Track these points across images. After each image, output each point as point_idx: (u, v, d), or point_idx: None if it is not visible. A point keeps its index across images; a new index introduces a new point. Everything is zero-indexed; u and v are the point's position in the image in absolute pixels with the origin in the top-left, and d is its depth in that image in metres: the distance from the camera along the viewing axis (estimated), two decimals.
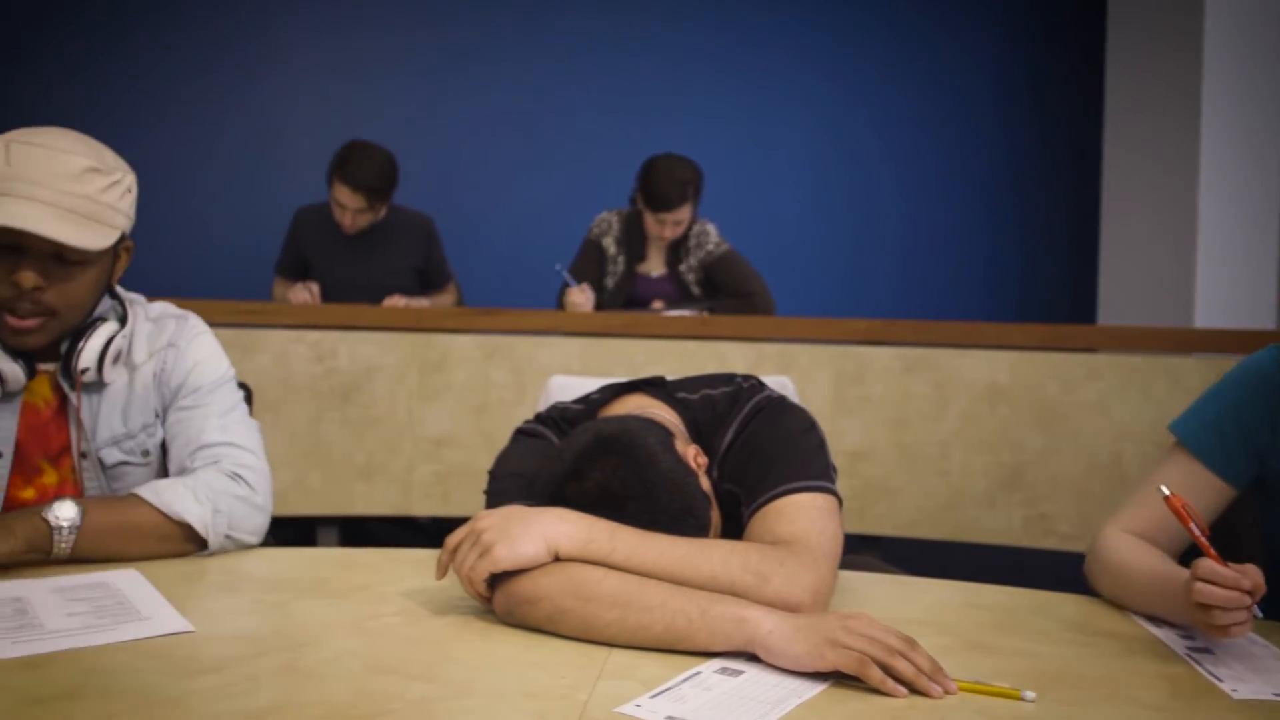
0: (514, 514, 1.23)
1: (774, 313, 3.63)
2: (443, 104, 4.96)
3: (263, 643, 1.14)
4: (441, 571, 1.28)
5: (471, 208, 4.82)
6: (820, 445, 1.41)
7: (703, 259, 3.71)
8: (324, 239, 3.77)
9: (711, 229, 3.75)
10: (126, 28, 4.68)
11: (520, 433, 1.55)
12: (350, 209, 3.61)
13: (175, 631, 1.17)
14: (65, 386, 1.58)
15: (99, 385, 1.60)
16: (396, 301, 3.52)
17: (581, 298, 3.44)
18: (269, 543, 1.77)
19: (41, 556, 1.39)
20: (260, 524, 1.58)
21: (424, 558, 1.54)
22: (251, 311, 2.99)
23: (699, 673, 1.09)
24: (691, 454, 1.37)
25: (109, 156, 1.50)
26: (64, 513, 1.39)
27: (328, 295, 3.61)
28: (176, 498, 1.48)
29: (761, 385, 1.52)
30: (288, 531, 2.91)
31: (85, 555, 1.41)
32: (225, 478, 1.55)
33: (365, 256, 3.75)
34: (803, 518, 1.30)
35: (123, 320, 1.61)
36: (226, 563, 1.51)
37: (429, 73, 4.95)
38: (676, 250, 3.74)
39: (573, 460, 1.28)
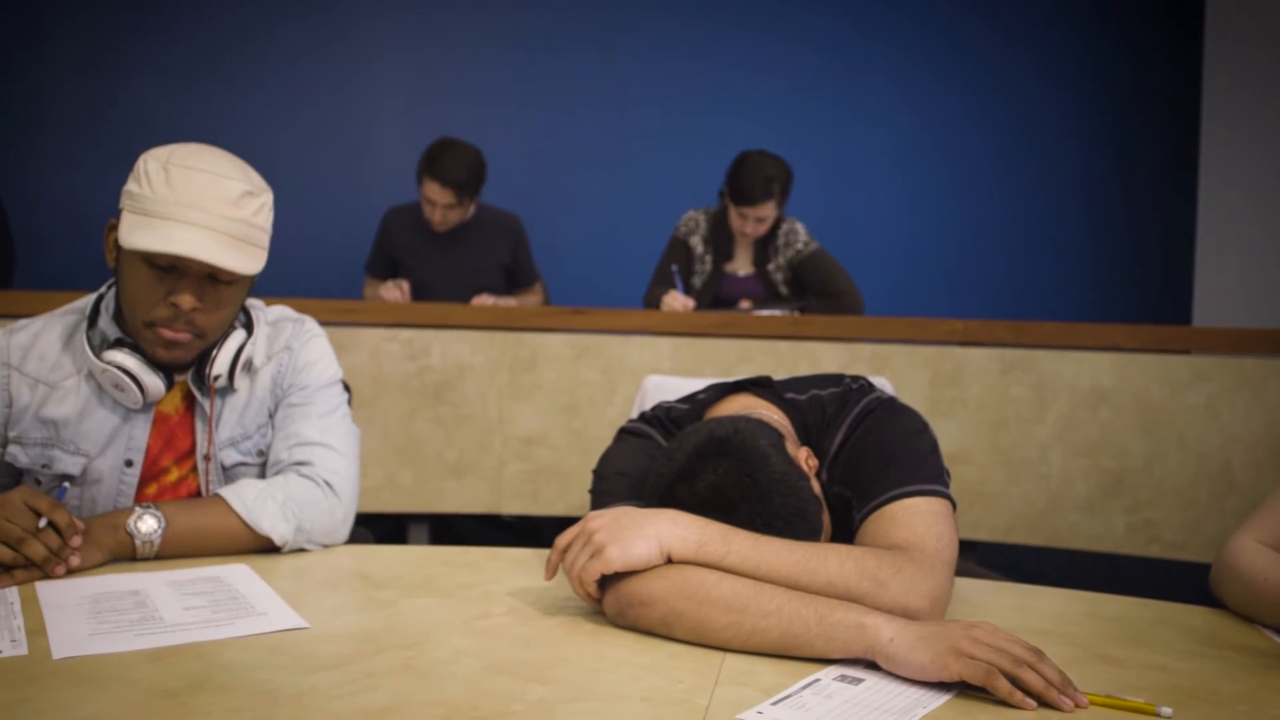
0: (626, 515, 1.22)
1: (863, 312, 3.57)
2: (529, 102, 4.98)
3: (377, 641, 1.14)
4: (551, 572, 1.27)
5: (558, 206, 4.83)
6: (933, 448, 1.38)
7: (791, 258, 3.67)
8: (413, 239, 3.81)
9: (800, 228, 3.70)
10: (216, 31, 4.77)
11: (624, 432, 1.53)
12: (440, 205, 3.64)
13: (291, 628, 1.18)
14: (198, 394, 1.61)
15: (226, 390, 1.63)
16: (485, 300, 3.54)
17: (680, 303, 3.42)
18: (366, 539, 1.79)
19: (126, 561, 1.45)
20: (342, 535, 1.61)
21: (526, 557, 1.54)
22: (346, 310, 3.02)
23: (818, 680, 1.07)
24: (803, 456, 1.35)
25: (255, 176, 1.53)
26: (146, 527, 1.44)
27: (417, 294, 3.65)
28: (263, 512, 1.50)
29: (871, 386, 1.49)
30: (380, 525, 2.93)
31: (166, 557, 1.46)
32: (315, 488, 1.57)
33: (453, 255, 3.78)
34: (918, 522, 1.27)
35: (249, 328, 1.64)
36: (331, 560, 1.53)
37: (516, 71, 4.98)
38: (764, 249, 3.71)
39: (684, 461, 1.27)
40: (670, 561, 1.19)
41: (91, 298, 1.64)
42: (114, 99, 4.67)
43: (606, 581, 1.21)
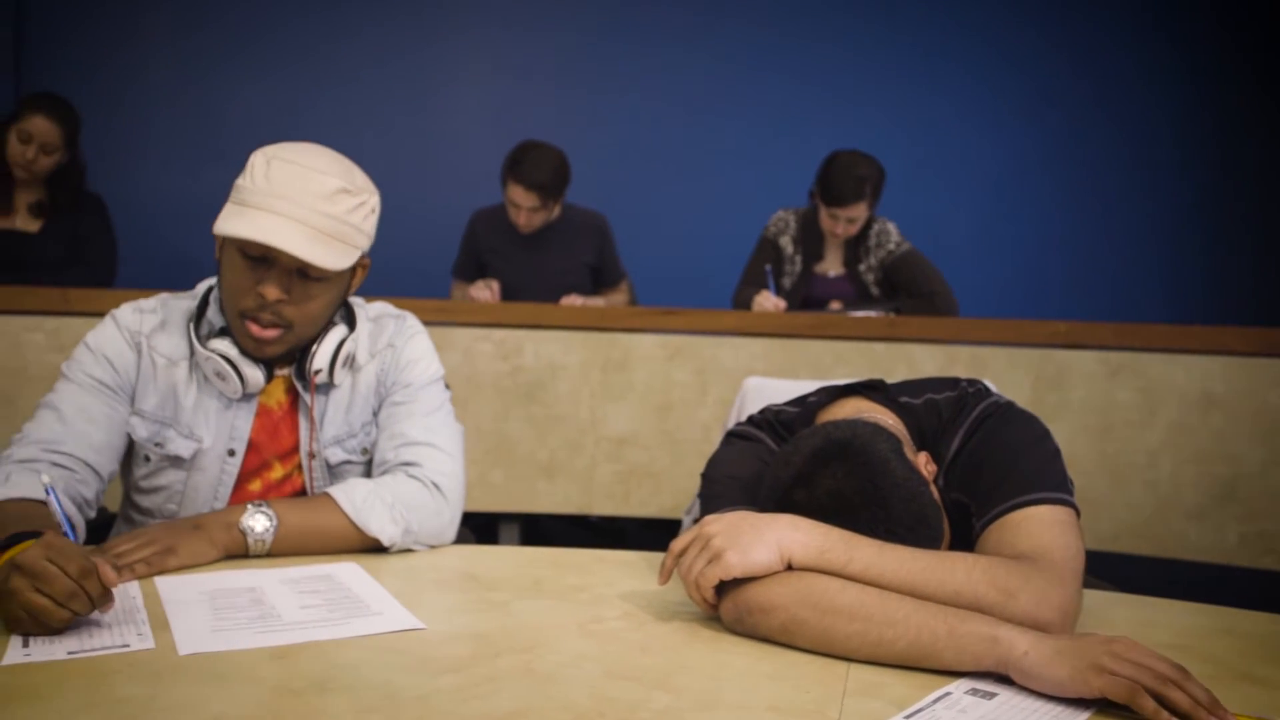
0: (744, 520, 1.19)
1: (957, 313, 3.50)
2: (614, 102, 4.98)
3: (495, 643, 1.13)
4: (665, 576, 1.25)
5: (642, 205, 4.81)
6: (1055, 454, 1.34)
7: (883, 258, 3.61)
8: (499, 240, 3.82)
9: (892, 228, 3.64)
10: (306, 34, 4.85)
11: (733, 435, 1.51)
12: (525, 208, 3.64)
13: (408, 628, 1.17)
14: (299, 388, 1.62)
15: (327, 386, 1.64)
16: (573, 301, 3.53)
17: (772, 304, 3.38)
18: (468, 539, 1.79)
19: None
20: (449, 536, 1.61)
21: (633, 559, 1.53)
22: (438, 309, 3.03)
23: (949, 693, 1.03)
24: (922, 461, 1.31)
25: (359, 177, 1.53)
26: (259, 525, 1.45)
27: (504, 296, 3.65)
28: (372, 514, 1.50)
29: (988, 390, 1.44)
30: (471, 524, 2.94)
31: (276, 555, 1.47)
32: (424, 489, 1.57)
33: (540, 256, 3.78)
34: (1044, 531, 1.23)
35: (351, 324, 1.64)
36: (438, 559, 1.53)
37: (600, 71, 4.98)
38: (855, 249, 3.65)
39: (801, 465, 1.24)
40: (790, 568, 1.16)
41: (204, 286, 1.66)
42: (209, 101, 4.77)
43: (724, 587, 1.19)
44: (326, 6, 4.85)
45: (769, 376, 2.42)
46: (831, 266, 3.70)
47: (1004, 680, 1.05)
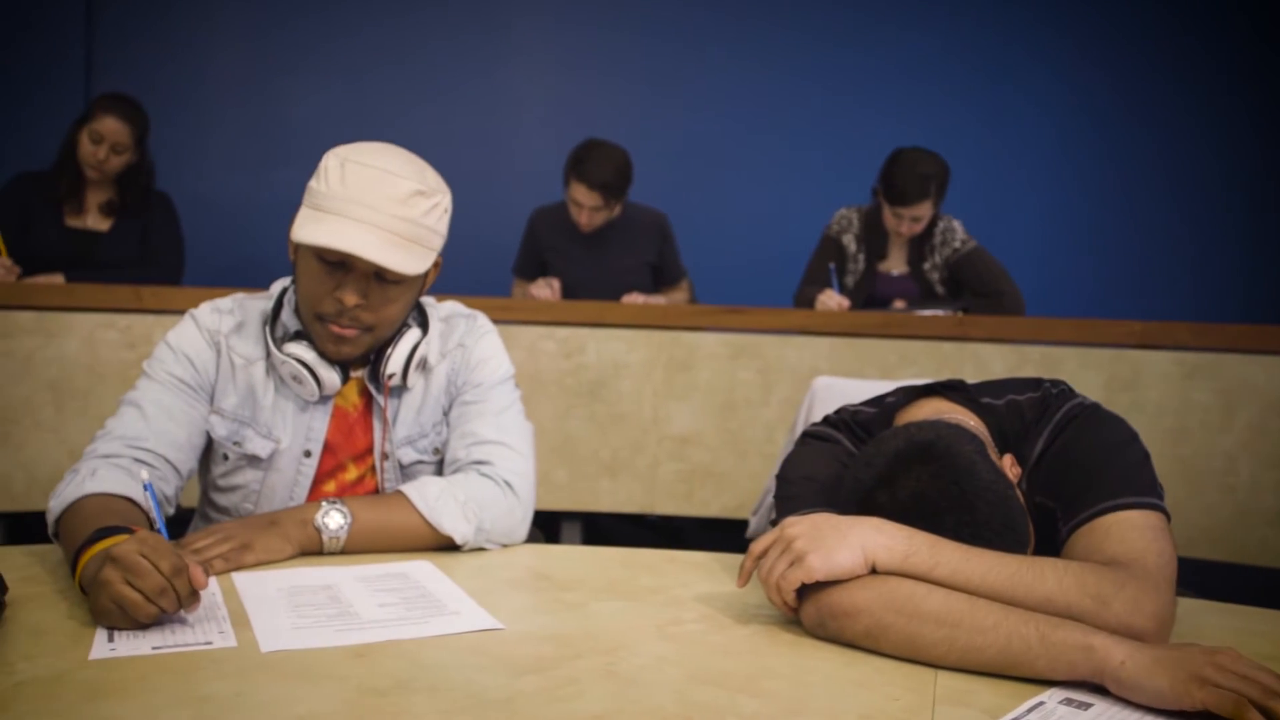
0: (827, 522, 1.17)
1: (1024, 313, 3.44)
2: (676, 100, 4.96)
3: (575, 645, 1.12)
4: (745, 579, 1.23)
5: (704, 204, 4.78)
6: (1145, 457, 1.30)
7: (948, 257, 3.56)
8: (560, 239, 3.81)
9: (958, 225, 3.59)
10: (368, 35, 4.88)
11: (809, 436, 1.48)
12: (587, 207, 3.64)
13: (487, 628, 1.17)
14: (373, 390, 1.62)
15: (400, 389, 1.64)
16: (635, 299, 3.52)
17: (836, 302, 3.35)
18: (538, 538, 1.78)
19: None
20: (521, 535, 1.60)
21: (705, 560, 1.51)
22: (501, 307, 3.03)
23: (1042, 703, 1.00)
24: (1007, 464, 1.28)
25: (431, 177, 1.53)
26: (333, 522, 1.46)
27: (565, 294, 3.65)
28: (446, 513, 1.50)
29: (1072, 391, 1.41)
30: (535, 522, 2.94)
31: (350, 552, 1.47)
32: (496, 487, 1.56)
33: (601, 254, 3.77)
34: (1136, 537, 1.19)
35: (424, 326, 1.64)
36: (510, 558, 1.52)
37: (662, 68, 4.96)
38: (920, 248, 3.60)
39: (884, 467, 1.21)
40: (874, 571, 1.14)
41: (278, 288, 1.67)
42: (274, 102, 4.82)
43: (805, 591, 1.17)
44: (389, 8, 4.88)
45: (834, 376, 2.39)
46: (895, 265, 3.65)
47: (1099, 690, 1.02)
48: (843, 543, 1.14)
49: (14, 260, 3.33)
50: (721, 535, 3.36)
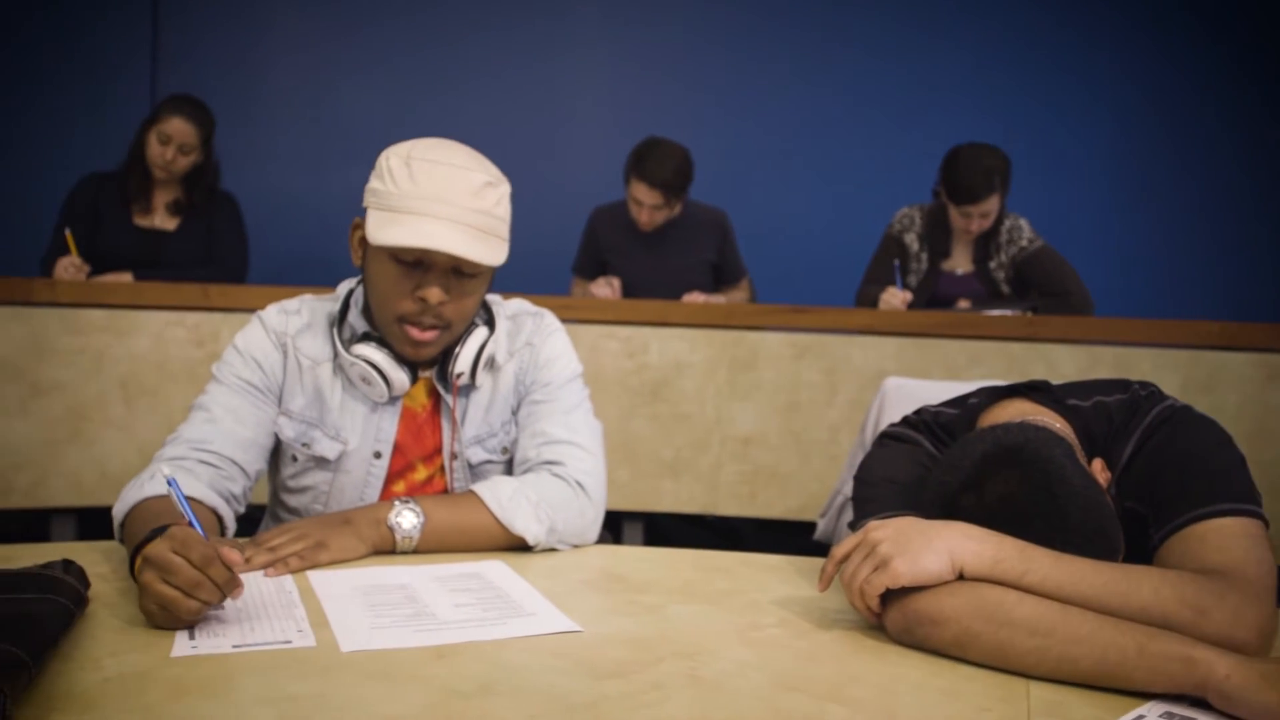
0: (913, 526, 1.14)
1: (1092, 313, 3.37)
2: (736, 97, 4.93)
3: (655, 649, 1.10)
4: (826, 583, 1.21)
5: (763, 202, 4.75)
6: (1240, 461, 1.26)
7: (1015, 255, 3.50)
8: (620, 238, 3.80)
9: (1024, 223, 3.53)
10: (425, 33, 4.90)
11: (888, 437, 1.45)
12: (648, 206, 3.62)
13: (565, 631, 1.15)
14: (441, 390, 1.62)
15: (469, 388, 1.63)
16: (695, 298, 3.50)
17: (900, 299, 3.31)
18: (606, 539, 1.77)
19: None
20: (592, 536, 1.59)
21: (779, 563, 1.49)
22: (562, 306, 3.00)
23: (1142, 716, 0.97)
24: (1097, 468, 1.24)
25: (493, 168, 1.53)
26: (407, 523, 1.45)
27: (624, 293, 3.64)
28: (518, 513, 1.49)
29: (1162, 394, 1.36)
30: None
31: (422, 552, 1.46)
32: (568, 488, 1.55)
33: (661, 253, 3.75)
34: (1234, 545, 1.16)
35: (490, 324, 1.64)
36: (582, 559, 1.51)
37: (722, 66, 4.93)
38: (986, 246, 3.54)
39: (970, 470, 1.18)
40: (961, 577, 1.11)
41: (344, 290, 1.67)
42: (332, 102, 4.86)
43: (890, 596, 1.14)
44: (447, 7, 4.90)
45: (902, 377, 2.34)
46: (959, 264, 3.60)
47: (1199, 703, 0.99)
48: (929, 547, 1.11)
49: (84, 259, 3.39)
50: (780, 536, 3.33)
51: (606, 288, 3.61)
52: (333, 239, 4.59)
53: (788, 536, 3.22)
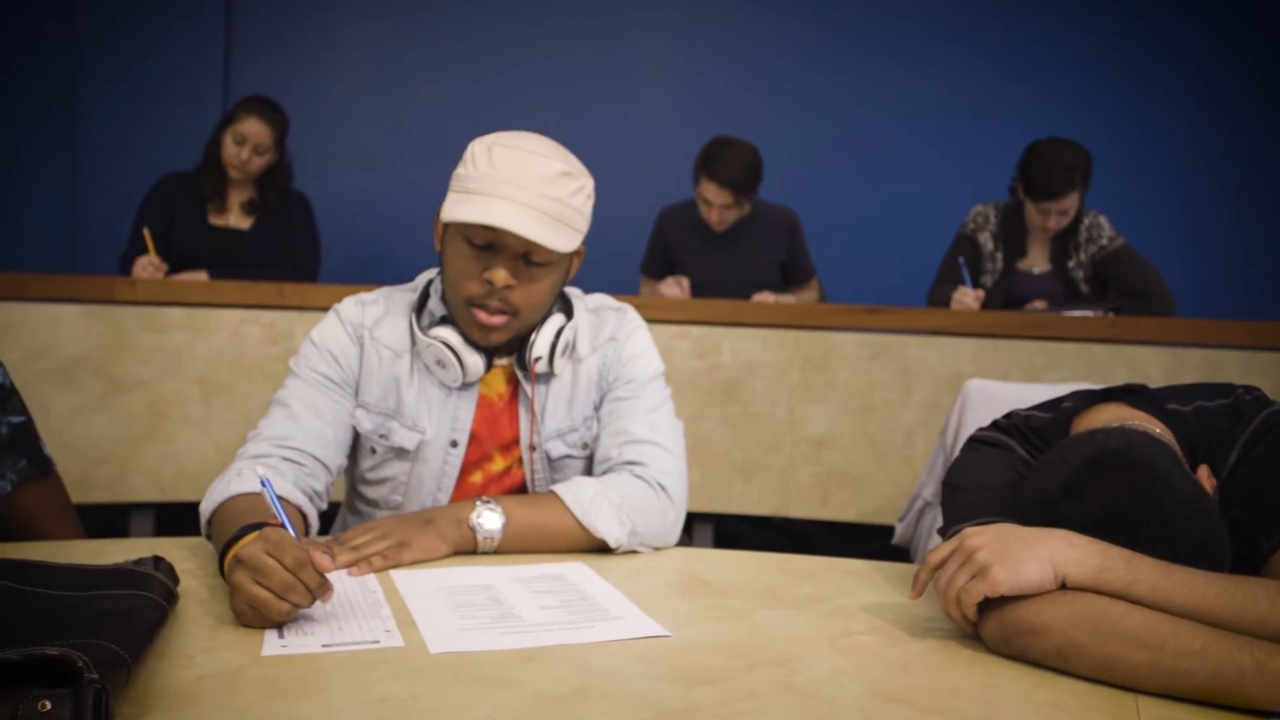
0: (1012, 533, 1.11)
1: (1174, 314, 3.28)
2: (805, 96, 4.88)
3: (746, 655, 1.08)
4: (919, 590, 1.18)
5: (834, 201, 4.70)
6: None
7: (1094, 254, 3.42)
8: (688, 237, 3.78)
9: (1104, 221, 3.45)
10: (492, 33, 4.91)
11: (978, 441, 1.42)
12: (717, 205, 3.60)
13: (653, 635, 1.13)
14: (520, 377, 1.61)
15: (548, 377, 1.62)
16: (765, 298, 3.47)
17: (971, 299, 3.24)
18: (684, 542, 1.74)
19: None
20: (673, 538, 1.57)
21: (863, 568, 1.46)
22: (635, 306, 3.01)
23: None
24: (1203, 475, 1.20)
25: (575, 162, 1.52)
26: (490, 524, 1.44)
27: (694, 293, 3.61)
28: (600, 515, 1.48)
29: (1266, 398, 1.31)
30: None
31: (503, 552, 1.45)
32: (649, 490, 1.53)
33: (730, 253, 3.73)
34: None
35: (568, 313, 1.63)
36: (663, 561, 1.49)
37: (791, 64, 4.89)
38: (1064, 245, 3.47)
39: (1070, 476, 1.14)
40: (1064, 587, 1.07)
41: (424, 279, 1.67)
42: (402, 102, 4.90)
43: (988, 605, 1.10)
44: (516, 9, 4.91)
45: (981, 379, 2.29)
46: (1036, 263, 3.52)
47: None
48: (1030, 555, 1.08)
49: (163, 256, 3.45)
50: (850, 539, 3.29)
51: (675, 287, 3.58)
52: (401, 238, 4.64)
53: (858, 539, 3.18)
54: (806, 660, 1.07)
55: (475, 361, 1.56)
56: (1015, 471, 1.33)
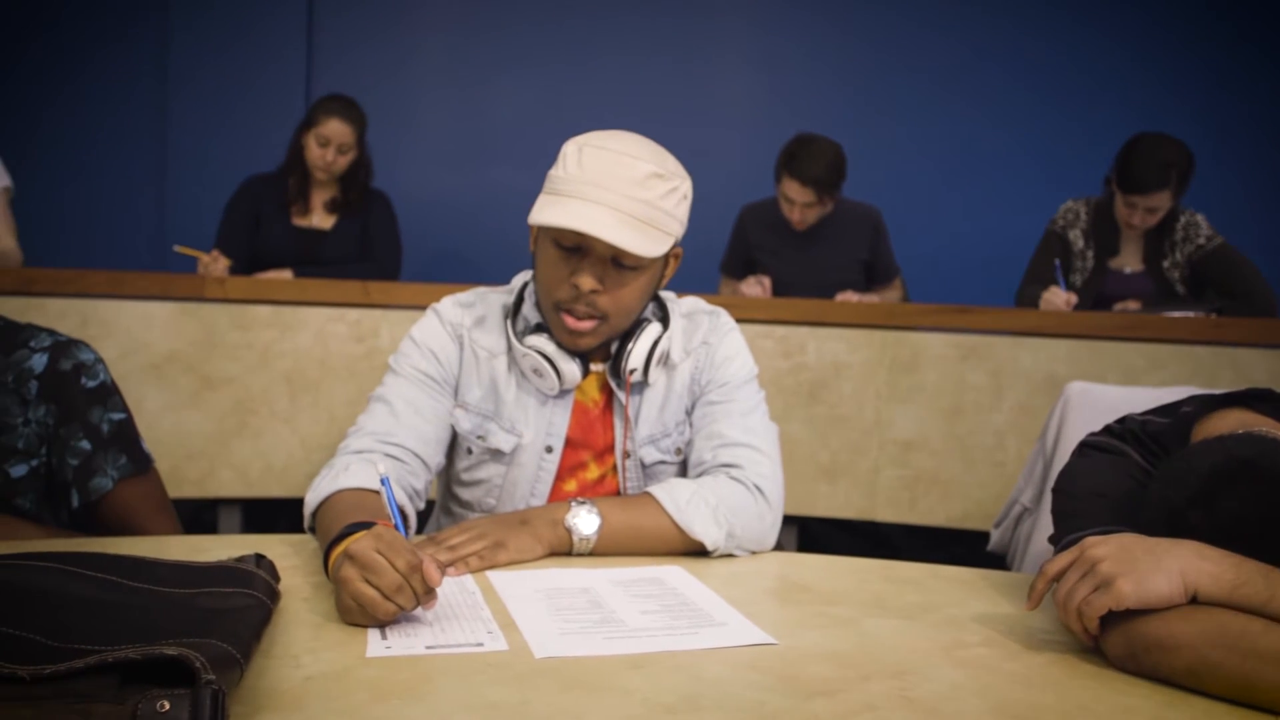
0: (1138, 544, 1.06)
1: (1277, 314, 3.17)
2: (888, 93, 4.81)
3: (858, 665, 1.05)
4: (1036, 601, 1.14)
5: (917, 199, 4.62)
6: None
7: (1191, 253, 3.32)
8: (770, 236, 3.74)
9: (1202, 220, 3.34)
10: (568, 33, 4.91)
11: (1090, 447, 1.37)
12: (800, 204, 3.55)
13: (760, 643, 1.10)
14: (614, 386, 1.59)
15: (642, 385, 1.60)
16: (849, 297, 3.41)
17: (1063, 300, 3.16)
18: (782, 545, 1.71)
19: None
20: (770, 541, 1.54)
21: (969, 576, 1.41)
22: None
23: None
24: None
25: (671, 162, 1.49)
26: (586, 528, 1.42)
27: (775, 292, 3.57)
28: (697, 516, 1.45)
29: None
30: None
31: (597, 553, 1.43)
32: (746, 492, 1.51)
33: (812, 251, 3.68)
34: None
35: (664, 321, 1.61)
36: (761, 566, 1.46)
37: (874, 60, 4.82)
38: (1158, 244, 3.36)
39: (1198, 485, 1.09)
40: (1194, 601, 1.02)
41: (518, 282, 1.66)
42: (479, 101, 4.92)
43: (1112, 619, 1.06)
44: (596, 7, 4.90)
45: (1079, 381, 2.22)
46: (1129, 262, 3.43)
47: None
48: (1158, 567, 1.03)
49: (247, 257, 3.50)
50: (935, 544, 3.22)
51: (757, 286, 3.55)
52: (478, 237, 4.67)
53: (943, 544, 3.12)
54: (922, 672, 1.04)
55: (572, 370, 1.55)
56: (1132, 479, 1.28)
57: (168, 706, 0.76)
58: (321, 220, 3.70)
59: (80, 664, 0.78)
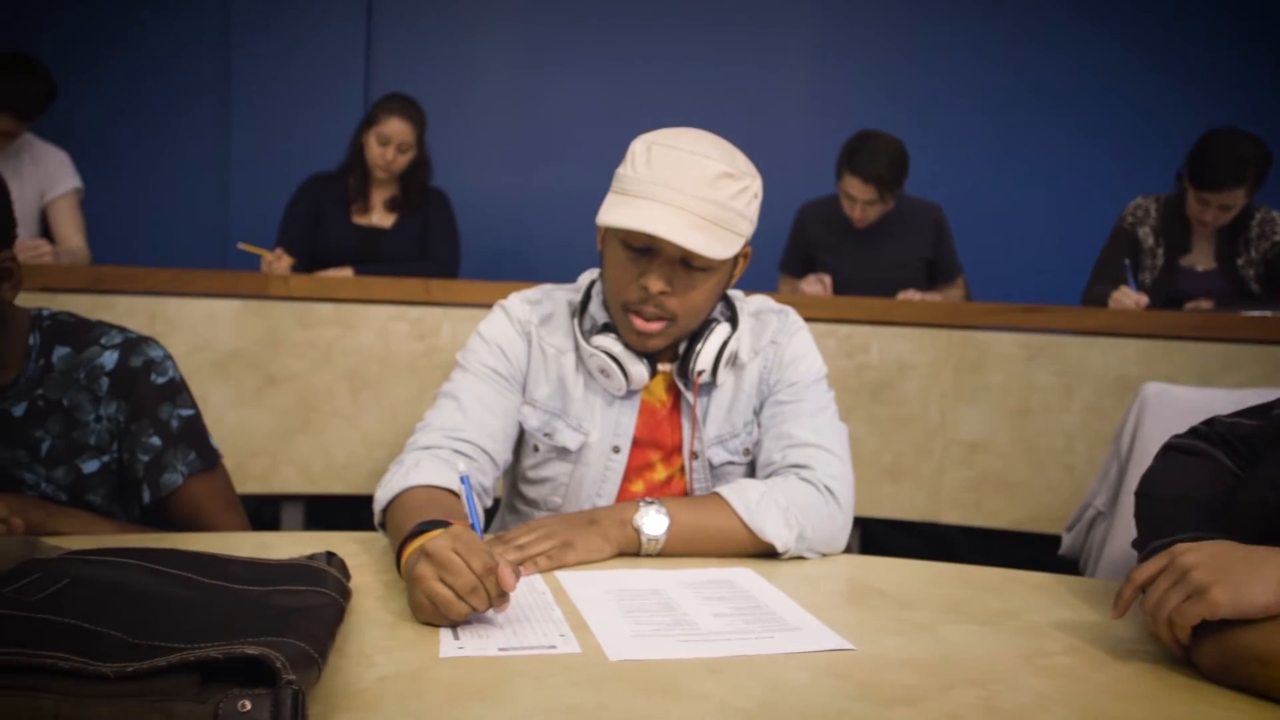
0: (1234, 551, 1.02)
1: None
2: (951, 88, 4.74)
3: (939, 673, 1.02)
4: (1123, 609, 1.10)
5: (980, 196, 4.55)
6: None
7: (1266, 251, 3.23)
8: (830, 234, 3.70)
9: (1278, 216, 3.25)
10: (627, 29, 4.89)
11: (1175, 450, 1.33)
12: (861, 201, 3.51)
13: (837, 649, 1.08)
14: (681, 386, 1.58)
15: (710, 385, 1.59)
16: (911, 295, 3.36)
17: (1133, 300, 3.09)
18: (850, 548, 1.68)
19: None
20: (841, 543, 1.51)
21: (1046, 582, 1.38)
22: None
23: None
24: None
25: (741, 161, 1.47)
26: (654, 528, 1.40)
27: (836, 290, 3.53)
28: (767, 517, 1.42)
29: None
30: None
31: (666, 554, 1.41)
32: (816, 493, 1.48)
33: (873, 250, 3.63)
34: None
35: (733, 321, 1.59)
36: (831, 569, 1.44)
37: (937, 54, 4.75)
38: (1232, 241, 3.28)
39: None
40: None
41: (585, 280, 1.65)
42: (537, 99, 4.92)
43: (1205, 629, 1.02)
44: (655, 7, 4.89)
45: (1156, 382, 2.16)
46: (1200, 260, 3.35)
47: None
48: (1255, 576, 0.99)
49: (307, 256, 3.53)
50: (999, 547, 3.16)
51: (818, 284, 3.51)
52: (539, 234, 4.67)
53: (1007, 548, 3.05)
54: (1006, 681, 1.01)
55: (639, 370, 1.53)
56: (1223, 483, 1.24)
57: (249, 706, 0.76)
58: (381, 219, 3.72)
59: (163, 662, 0.78)
